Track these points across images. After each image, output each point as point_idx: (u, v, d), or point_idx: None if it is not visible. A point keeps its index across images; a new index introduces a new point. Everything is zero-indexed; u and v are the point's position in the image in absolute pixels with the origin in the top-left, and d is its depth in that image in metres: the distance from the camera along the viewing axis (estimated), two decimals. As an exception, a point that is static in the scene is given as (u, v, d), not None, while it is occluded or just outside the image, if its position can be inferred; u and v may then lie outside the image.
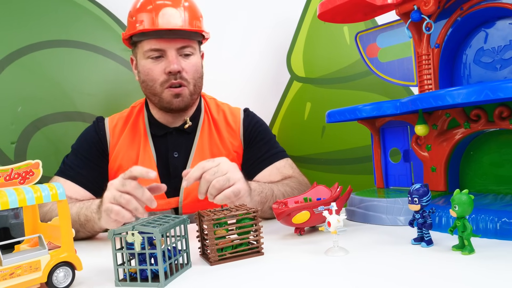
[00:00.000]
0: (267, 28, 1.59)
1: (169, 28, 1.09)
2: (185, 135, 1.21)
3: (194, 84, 1.17)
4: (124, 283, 0.61)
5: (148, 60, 1.13)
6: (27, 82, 1.36)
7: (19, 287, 0.56)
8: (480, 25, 0.89)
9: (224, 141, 1.22)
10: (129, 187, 0.83)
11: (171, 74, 1.12)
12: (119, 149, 1.18)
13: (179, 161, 1.18)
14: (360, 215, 0.93)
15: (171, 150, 1.19)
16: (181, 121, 1.21)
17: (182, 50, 1.13)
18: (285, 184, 1.10)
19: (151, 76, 1.13)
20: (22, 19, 1.37)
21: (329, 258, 0.67)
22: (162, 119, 1.21)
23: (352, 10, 0.98)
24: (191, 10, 1.14)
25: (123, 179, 0.85)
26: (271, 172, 1.18)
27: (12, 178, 0.58)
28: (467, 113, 0.86)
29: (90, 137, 1.20)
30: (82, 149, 1.18)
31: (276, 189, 1.05)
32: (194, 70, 1.16)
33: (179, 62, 1.12)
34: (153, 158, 1.17)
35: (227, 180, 0.87)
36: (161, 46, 1.11)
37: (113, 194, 0.84)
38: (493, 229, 0.70)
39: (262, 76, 1.60)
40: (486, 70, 0.89)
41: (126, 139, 1.19)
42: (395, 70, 1.06)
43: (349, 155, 1.47)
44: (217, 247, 0.69)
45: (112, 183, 0.87)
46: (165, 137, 1.20)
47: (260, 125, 1.27)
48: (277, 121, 1.62)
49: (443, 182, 0.91)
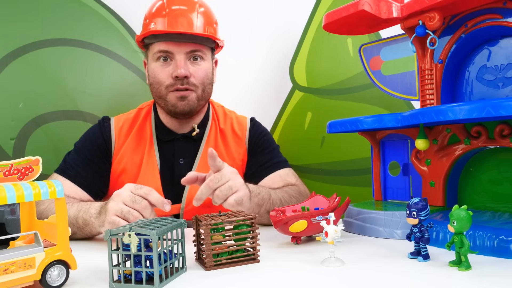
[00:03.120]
0: (271, 37, 1.60)
1: (178, 31, 1.09)
2: (192, 142, 1.21)
3: (203, 90, 1.15)
4: (118, 284, 0.60)
5: (157, 63, 1.13)
6: (30, 79, 1.36)
7: (12, 283, 0.55)
8: (484, 42, 0.89)
9: (230, 150, 1.22)
10: (139, 205, 0.82)
11: (177, 79, 1.11)
12: (124, 152, 1.17)
13: (184, 168, 1.16)
14: (357, 227, 0.92)
15: (177, 157, 1.18)
16: (189, 127, 1.21)
17: (191, 54, 1.13)
18: (284, 191, 1.09)
19: (157, 79, 1.13)
20: (27, 16, 1.37)
21: (325, 268, 0.66)
22: (169, 124, 1.20)
23: (357, 23, 0.98)
24: (205, 15, 1.14)
25: (133, 195, 0.83)
26: (274, 179, 1.18)
27: (11, 174, 0.57)
28: (468, 130, 0.86)
29: (95, 138, 1.18)
30: (85, 148, 1.17)
31: (274, 194, 1.04)
32: (204, 76, 1.15)
33: (187, 66, 1.11)
34: (156, 164, 1.16)
35: (229, 188, 0.87)
36: (169, 48, 1.11)
37: (121, 207, 0.82)
38: (491, 247, 0.70)
39: (264, 84, 1.61)
40: (488, 88, 0.89)
41: (132, 143, 1.18)
42: (397, 83, 1.07)
43: (348, 166, 1.47)
44: (213, 253, 0.68)
45: (119, 194, 0.85)
46: (171, 143, 1.19)
47: (265, 135, 1.28)
48: (277, 130, 1.62)
49: (441, 197, 0.91)
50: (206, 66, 1.16)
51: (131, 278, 0.60)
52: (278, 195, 1.05)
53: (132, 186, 0.85)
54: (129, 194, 0.83)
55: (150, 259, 0.60)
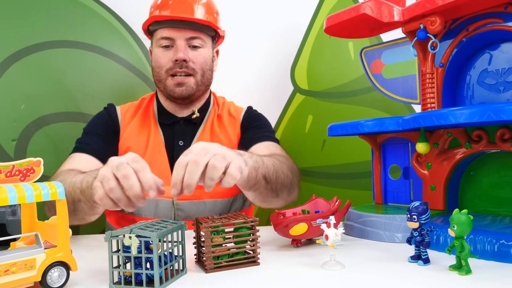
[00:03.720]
0: (273, 39, 1.60)
1: (179, 17, 1.15)
2: (192, 125, 1.24)
3: (202, 75, 1.21)
4: (118, 286, 0.60)
5: (160, 49, 1.19)
6: (32, 81, 1.37)
7: (13, 284, 0.56)
8: (485, 46, 0.90)
9: (226, 131, 1.24)
10: (126, 183, 0.70)
11: (177, 63, 1.16)
12: (129, 132, 1.21)
13: (183, 149, 1.16)
14: (358, 230, 0.92)
15: (177, 139, 1.21)
16: (189, 111, 1.25)
17: (191, 41, 1.18)
18: (271, 157, 1.01)
19: (158, 63, 1.19)
20: (30, 18, 1.38)
21: (325, 271, 0.66)
22: (169, 108, 1.25)
23: (358, 26, 0.99)
24: (206, 5, 1.21)
25: (125, 170, 0.71)
26: (259, 147, 1.16)
27: (12, 175, 0.58)
28: (468, 134, 0.86)
29: (103, 118, 1.23)
30: (95, 128, 1.21)
31: (264, 158, 0.95)
32: (203, 61, 1.20)
33: (186, 51, 1.17)
34: (162, 144, 1.20)
35: (223, 158, 0.73)
36: (171, 35, 1.17)
37: (108, 177, 0.71)
38: (491, 251, 0.70)
39: (265, 87, 1.61)
40: (489, 92, 0.89)
41: (136, 124, 1.22)
42: (398, 87, 1.07)
43: (349, 169, 1.47)
44: (213, 255, 0.68)
45: (112, 158, 0.75)
46: (172, 126, 1.23)
47: (259, 117, 1.29)
48: (278, 133, 1.62)
49: (442, 201, 0.91)
50: (206, 53, 1.21)
51: (131, 280, 0.60)
52: (269, 160, 0.97)
53: (131, 157, 0.74)
54: (124, 166, 0.71)
55: (151, 261, 0.60)
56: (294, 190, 1.07)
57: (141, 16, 1.35)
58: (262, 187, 0.93)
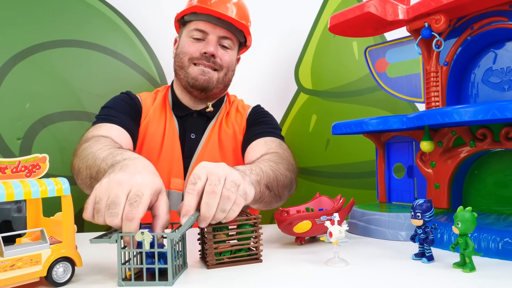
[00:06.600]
0: (277, 39, 1.60)
1: (219, 13, 1.16)
2: (205, 119, 1.25)
3: (225, 73, 1.23)
4: (127, 282, 0.61)
5: (190, 39, 1.20)
6: (37, 80, 1.38)
7: (18, 279, 0.56)
8: (489, 45, 0.89)
9: (233, 126, 1.25)
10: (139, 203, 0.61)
11: (205, 55, 1.18)
12: (149, 119, 1.21)
13: (194, 142, 1.22)
14: (362, 228, 0.92)
15: (189, 131, 1.22)
16: (203, 105, 1.26)
17: (222, 40, 1.20)
18: (265, 159, 0.98)
19: (185, 50, 1.20)
20: (35, 18, 1.39)
21: (329, 268, 0.67)
22: (184, 100, 1.26)
23: (363, 25, 0.99)
24: (243, 10, 1.24)
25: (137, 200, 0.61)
26: (258, 143, 1.15)
27: (18, 171, 0.58)
28: (473, 132, 0.86)
29: (125, 99, 1.21)
30: (118, 105, 1.17)
31: (261, 165, 0.90)
32: (229, 61, 1.23)
33: (217, 47, 1.19)
34: (177, 135, 1.21)
35: (234, 184, 0.67)
36: (206, 28, 1.19)
37: (102, 202, 0.62)
38: (495, 249, 0.70)
39: (269, 86, 1.61)
40: (494, 90, 0.89)
41: (156, 111, 1.23)
42: (403, 85, 1.07)
43: (352, 169, 1.47)
44: (215, 251, 0.68)
45: (122, 183, 0.62)
46: (185, 118, 1.25)
47: (265, 114, 1.30)
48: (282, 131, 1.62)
49: (446, 199, 0.91)
50: (232, 54, 1.24)
51: (142, 275, 0.60)
52: (267, 165, 0.92)
53: (149, 191, 0.63)
54: (115, 205, 0.60)
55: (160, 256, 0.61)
56: (293, 186, 1.06)
57: (146, 15, 1.35)
58: (266, 197, 0.88)
